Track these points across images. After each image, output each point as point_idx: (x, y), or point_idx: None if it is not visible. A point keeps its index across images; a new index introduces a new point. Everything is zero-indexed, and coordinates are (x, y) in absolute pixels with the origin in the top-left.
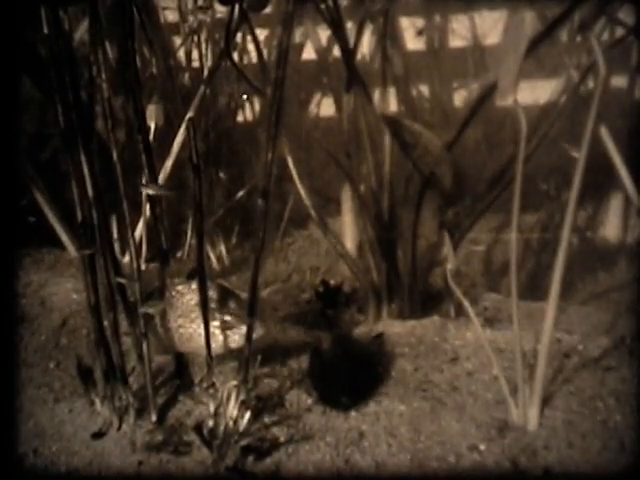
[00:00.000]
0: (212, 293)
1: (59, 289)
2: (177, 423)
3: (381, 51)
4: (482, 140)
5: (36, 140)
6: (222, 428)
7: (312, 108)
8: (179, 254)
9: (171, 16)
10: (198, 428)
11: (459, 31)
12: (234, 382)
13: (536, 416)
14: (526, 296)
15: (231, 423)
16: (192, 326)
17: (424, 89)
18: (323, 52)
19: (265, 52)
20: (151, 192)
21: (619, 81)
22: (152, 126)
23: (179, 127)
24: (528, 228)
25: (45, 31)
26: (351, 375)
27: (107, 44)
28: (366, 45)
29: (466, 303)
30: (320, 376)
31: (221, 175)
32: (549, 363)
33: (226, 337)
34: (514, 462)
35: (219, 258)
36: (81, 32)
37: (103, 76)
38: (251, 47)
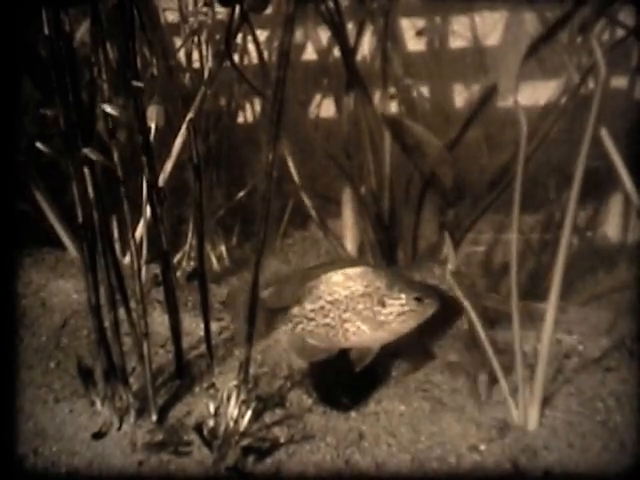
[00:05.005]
0: (381, 279)
1: (60, 289)
2: (177, 423)
3: (381, 52)
4: (482, 140)
5: (37, 140)
6: (222, 428)
7: (312, 109)
8: (179, 255)
9: (171, 17)
10: (198, 428)
11: (460, 32)
12: (234, 382)
13: (536, 416)
14: (526, 296)
15: (231, 423)
16: (358, 319)
17: (424, 90)
18: (323, 53)
19: (266, 53)
20: (93, 157)
21: (619, 82)
22: (152, 127)
23: (180, 128)
24: (528, 228)
25: (46, 32)
26: (351, 375)
27: (108, 45)
28: (366, 46)
29: (466, 303)
30: (320, 376)
31: (221, 176)
32: (549, 363)
33: (400, 322)
34: (514, 462)
35: (219, 258)
36: (82, 33)
37: (104, 77)
38: (252, 48)
